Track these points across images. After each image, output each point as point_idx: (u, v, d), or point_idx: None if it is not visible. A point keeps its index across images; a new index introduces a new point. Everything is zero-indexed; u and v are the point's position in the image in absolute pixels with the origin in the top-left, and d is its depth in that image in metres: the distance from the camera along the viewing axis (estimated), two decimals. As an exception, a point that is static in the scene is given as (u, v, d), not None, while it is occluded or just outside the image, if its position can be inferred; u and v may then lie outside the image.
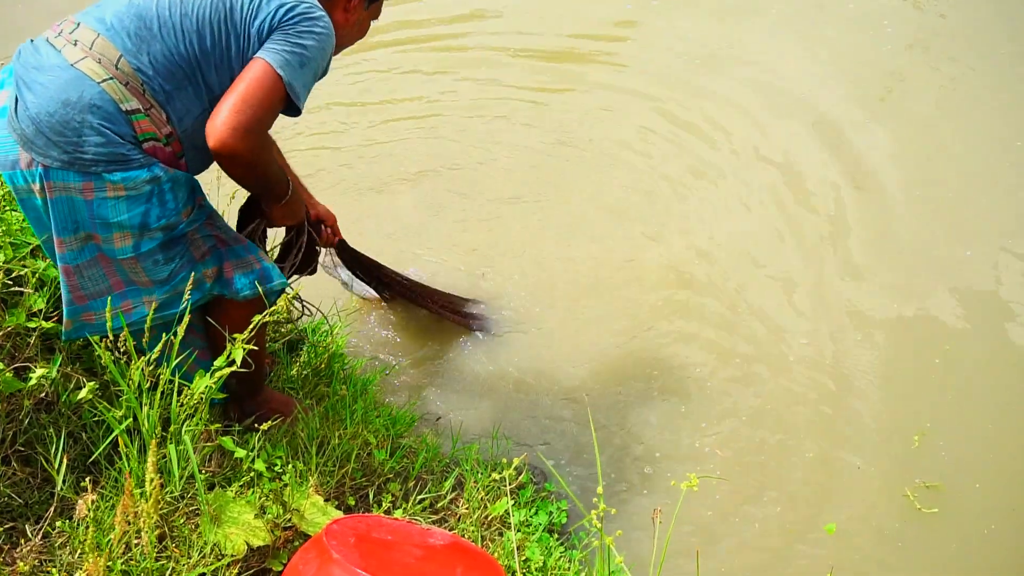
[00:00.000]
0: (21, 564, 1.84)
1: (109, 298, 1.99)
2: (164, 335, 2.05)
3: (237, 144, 1.93)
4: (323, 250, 2.90)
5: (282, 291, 2.25)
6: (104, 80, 1.85)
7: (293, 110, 2.05)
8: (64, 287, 2.01)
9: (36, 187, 1.88)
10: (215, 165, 2.08)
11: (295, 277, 2.69)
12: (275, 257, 2.64)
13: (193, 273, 2.10)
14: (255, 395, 2.55)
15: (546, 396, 3.35)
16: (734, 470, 3.14)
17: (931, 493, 3.05)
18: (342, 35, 2.23)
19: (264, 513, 2.05)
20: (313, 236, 2.66)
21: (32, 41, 1.95)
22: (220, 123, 1.91)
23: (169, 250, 2.06)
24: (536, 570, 2.43)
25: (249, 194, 2.39)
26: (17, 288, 2.19)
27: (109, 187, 1.88)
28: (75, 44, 1.88)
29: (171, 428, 2.01)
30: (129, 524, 1.78)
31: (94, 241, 1.97)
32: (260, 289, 2.19)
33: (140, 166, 1.90)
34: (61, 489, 2.02)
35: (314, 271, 2.77)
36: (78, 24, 1.92)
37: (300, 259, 2.63)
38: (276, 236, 2.68)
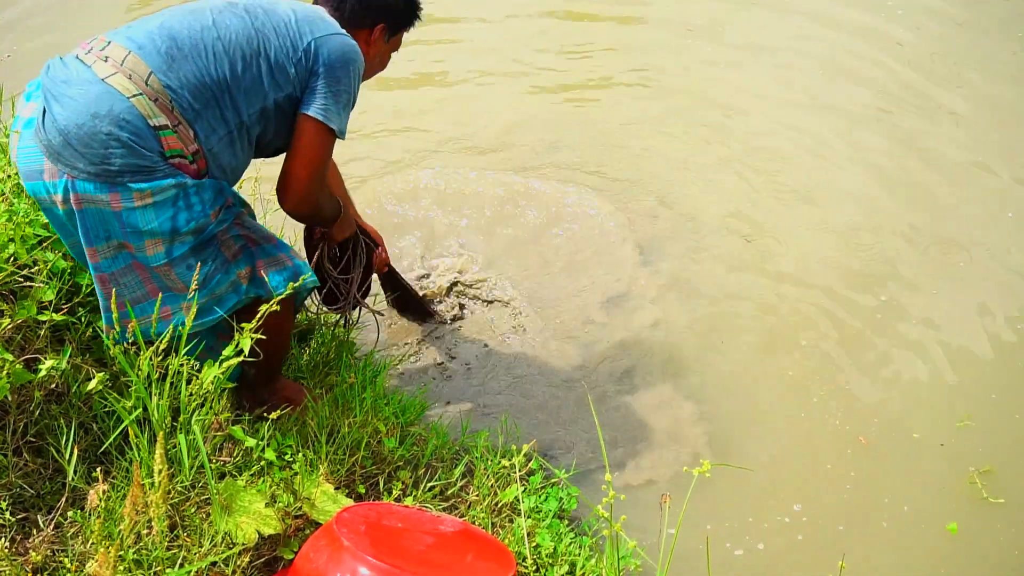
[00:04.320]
0: (34, 554, 1.85)
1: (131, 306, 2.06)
2: (203, 341, 2.11)
3: (309, 207, 2.27)
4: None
5: (313, 289, 2.29)
6: (134, 95, 1.87)
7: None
8: (100, 295, 2.04)
9: (58, 198, 1.90)
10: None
11: (362, 290, 2.92)
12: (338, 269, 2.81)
13: (228, 276, 2.12)
14: (270, 383, 2.57)
15: (557, 382, 3.34)
16: (775, 460, 3.12)
17: (989, 479, 3.01)
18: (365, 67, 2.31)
19: (275, 502, 2.05)
20: (368, 241, 2.85)
21: (61, 58, 1.97)
22: (293, 192, 2.20)
23: (200, 253, 2.07)
24: (546, 556, 2.43)
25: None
26: (27, 281, 2.20)
27: (136, 196, 1.90)
28: (106, 60, 1.90)
29: (181, 418, 2.02)
30: (139, 514, 1.79)
31: (127, 250, 1.99)
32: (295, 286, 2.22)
33: (164, 176, 1.92)
34: (72, 479, 2.03)
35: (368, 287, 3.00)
36: (109, 42, 1.95)
37: (365, 264, 2.85)
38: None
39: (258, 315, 1.99)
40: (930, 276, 3.94)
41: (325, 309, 2.89)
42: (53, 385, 2.18)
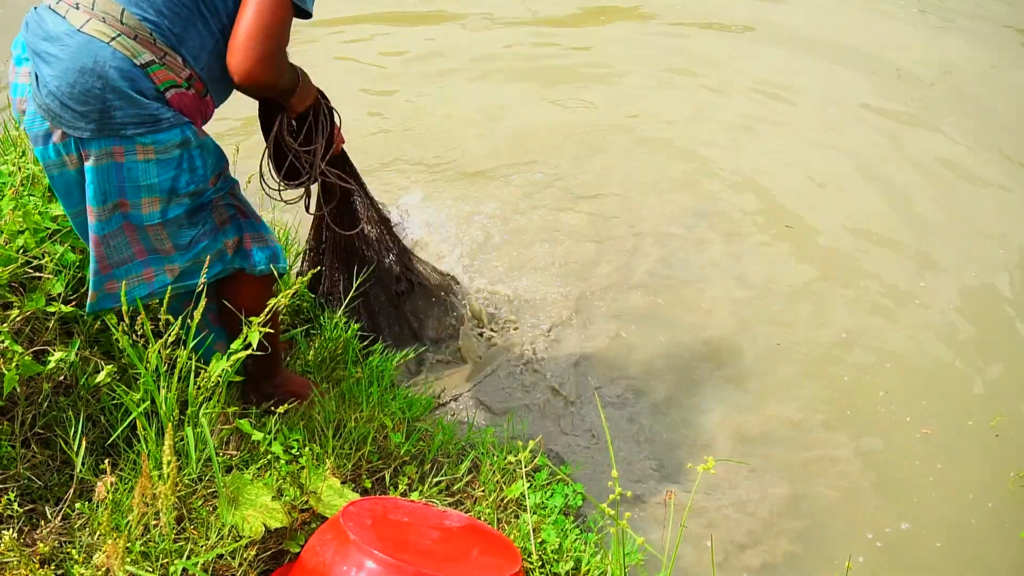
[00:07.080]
0: (41, 545, 1.85)
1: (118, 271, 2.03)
2: (185, 306, 2.08)
3: (262, 76, 1.99)
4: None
5: (284, 274, 2.28)
6: (113, 39, 1.83)
7: (303, 14, 2.04)
8: (92, 258, 2.02)
9: (72, 158, 1.89)
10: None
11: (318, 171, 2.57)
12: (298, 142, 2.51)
13: (216, 244, 2.12)
14: (272, 377, 2.57)
15: (564, 378, 3.34)
16: (791, 457, 3.11)
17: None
18: None
19: (281, 495, 2.05)
20: (330, 105, 2.56)
21: (36, 10, 1.92)
22: (242, 59, 1.95)
23: (194, 216, 2.07)
24: (552, 552, 2.43)
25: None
26: (36, 273, 2.20)
27: (139, 149, 1.89)
28: (77, 7, 1.85)
29: (189, 411, 2.02)
30: (147, 506, 1.79)
31: (121, 210, 1.97)
32: (273, 268, 2.22)
33: (170, 126, 1.90)
34: (80, 471, 2.04)
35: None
36: None
37: (328, 133, 2.54)
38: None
39: (267, 309, 2.00)
40: (961, 264, 4.00)
41: (285, 185, 2.56)
42: (61, 377, 2.19)
